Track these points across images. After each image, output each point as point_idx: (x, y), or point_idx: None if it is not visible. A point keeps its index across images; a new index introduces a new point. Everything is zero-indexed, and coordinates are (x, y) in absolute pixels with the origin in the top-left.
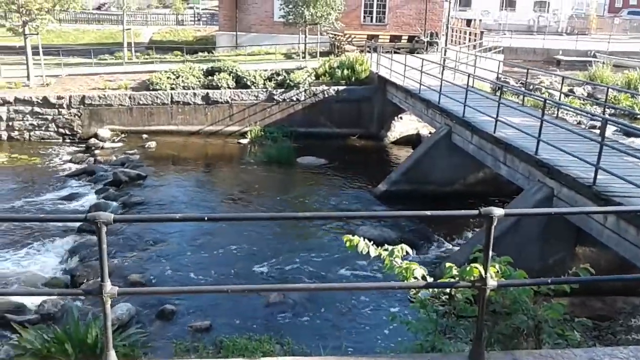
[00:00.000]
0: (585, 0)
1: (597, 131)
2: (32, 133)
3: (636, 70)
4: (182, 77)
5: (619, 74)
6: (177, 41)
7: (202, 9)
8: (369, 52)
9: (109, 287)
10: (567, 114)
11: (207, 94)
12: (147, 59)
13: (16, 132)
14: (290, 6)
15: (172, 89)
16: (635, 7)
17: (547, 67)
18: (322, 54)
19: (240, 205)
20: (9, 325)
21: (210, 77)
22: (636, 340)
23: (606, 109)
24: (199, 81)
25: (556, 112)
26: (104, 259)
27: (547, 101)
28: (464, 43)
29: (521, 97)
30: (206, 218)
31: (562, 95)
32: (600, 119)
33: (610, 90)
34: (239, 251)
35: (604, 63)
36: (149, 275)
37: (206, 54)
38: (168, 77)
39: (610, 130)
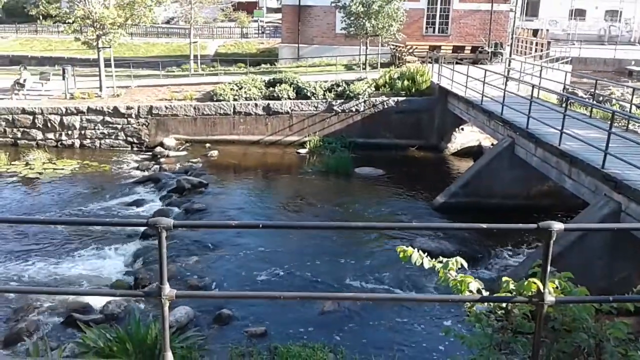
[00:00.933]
0: None
1: None
2: (102, 141)
3: None
4: (245, 88)
5: None
6: (241, 53)
7: (266, 22)
8: (430, 63)
9: (168, 290)
10: (639, 127)
11: (268, 104)
12: (212, 71)
13: (88, 140)
14: (352, 18)
15: (234, 99)
16: None
17: (618, 79)
18: (383, 65)
19: (297, 214)
20: (75, 324)
21: (271, 88)
22: None
23: None
24: (261, 92)
25: (626, 125)
26: (164, 262)
27: (616, 113)
28: (530, 53)
29: (589, 109)
30: (261, 225)
31: (634, 107)
32: None
33: None
34: (295, 259)
35: None
36: (207, 280)
37: (269, 65)
38: (231, 89)
39: None
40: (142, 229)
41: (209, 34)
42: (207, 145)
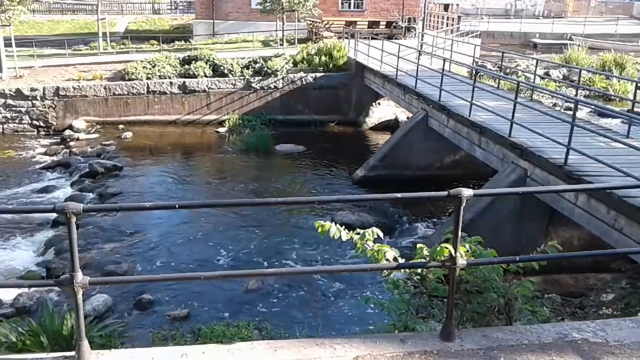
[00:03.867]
0: None
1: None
2: (5, 126)
3: (611, 52)
4: (158, 66)
5: (594, 56)
6: (153, 30)
7: None
8: (346, 38)
9: (80, 278)
10: (542, 96)
11: (184, 82)
12: (122, 48)
13: None
14: None
15: (148, 78)
16: None
17: (524, 51)
18: (300, 41)
19: (217, 194)
20: None
21: (187, 66)
22: (605, 315)
23: (581, 91)
24: (176, 70)
25: (531, 95)
26: (75, 249)
27: (521, 84)
28: (442, 28)
29: (497, 80)
30: (177, 206)
31: (538, 78)
32: (572, 100)
33: (585, 72)
34: (215, 239)
35: (579, 45)
36: (124, 266)
37: (183, 42)
38: (144, 67)
39: (585, 111)
40: (53, 215)
41: (119, 10)
42: (121, 126)
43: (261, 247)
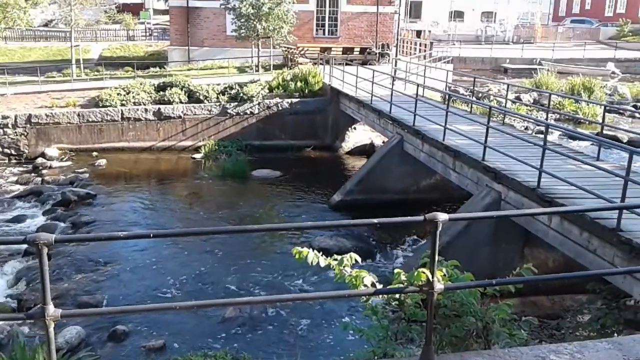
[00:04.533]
0: (530, 9)
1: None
2: None
3: (579, 76)
4: (133, 93)
5: (563, 80)
6: (128, 57)
7: (154, 24)
8: (321, 64)
9: (52, 310)
10: (514, 120)
11: (159, 109)
12: (96, 75)
13: None
14: (242, 20)
15: (122, 105)
16: (578, 16)
17: (495, 76)
18: (276, 67)
19: (193, 221)
20: None
21: (161, 93)
22: (582, 336)
23: (552, 114)
24: (151, 97)
25: (503, 119)
26: (46, 281)
27: (493, 108)
28: (415, 54)
29: (469, 105)
30: (152, 235)
31: (509, 102)
32: (543, 124)
33: (555, 96)
34: (191, 267)
35: (548, 70)
36: (98, 297)
37: (158, 69)
38: (118, 94)
39: (556, 134)
40: (23, 246)
41: (92, 37)
42: (94, 154)
43: (238, 274)
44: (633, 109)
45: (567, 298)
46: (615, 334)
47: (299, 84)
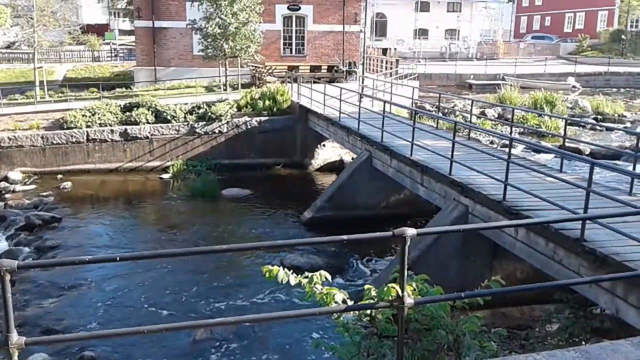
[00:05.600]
0: (492, 27)
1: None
2: None
3: (541, 91)
4: (99, 114)
5: (526, 95)
6: (93, 78)
7: (120, 45)
8: (289, 82)
9: (15, 338)
10: (479, 134)
11: (126, 130)
12: (61, 97)
13: None
14: (209, 40)
15: (88, 126)
16: (538, 32)
17: (460, 91)
18: (244, 86)
19: (163, 242)
20: None
21: (128, 113)
22: (551, 346)
23: (516, 128)
24: (117, 117)
25: (468, 134)
26: (9, 308)
27: (458, 123)
28: (381, 71)
29: (436, 121)
30: (118, 258)
31: (474, 117)
32: (507, 138)
33: (518, 110)
34: (161, 290)
35: (511, 85)
36: (65, 323)
37: (124, 89)
38: (83, 115)
39: (520, 148)
40: None
41: (56, 58)
42: (59, 176)
43: (209, 295)
44: (594, 121)
45: (536, 308)
46: (583, 342)
47: (267, 102)
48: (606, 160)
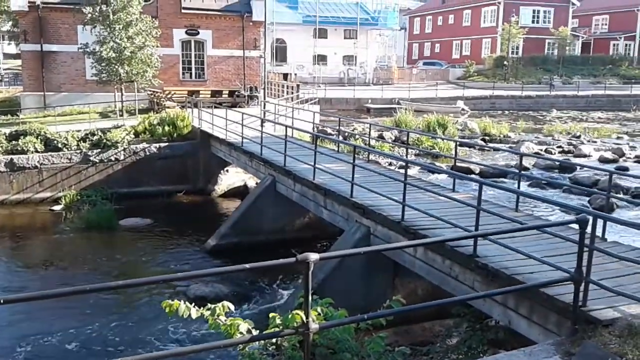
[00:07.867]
0: (386, 53)
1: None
2: None
3: (434, 114)
4: None
5: (420, 118)
6: None
7: (4, 69)
8: (190, 107)
9: None
10: (378, 157)
11: (12, 159)
12: None
13: None
14: (103, 64)
15: None
16: (429, 59)
17: (359, 115)
18: (141, 111)
19: (55, 280)
20: None
21: (14, 142)
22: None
23: (412, 150)
24: (2, 147)
25: (368, 157)
26: None
27: (357, 147)
28: (282, 96)
29: (337, 144)
30: (2, 301)
31: (373, 140)
32: (403, 160)
33: (413, 133)
34: (52, 332)
35: (406, 109)
36: None
37: (10, 116)
38: None
39: (416, 169)
40: None
41: None
42: None
43: (106, 335)
44: (482, 142)
45: (437, 324)
46: (481, 355)
47: (166, 128)
48: (494, 177)
